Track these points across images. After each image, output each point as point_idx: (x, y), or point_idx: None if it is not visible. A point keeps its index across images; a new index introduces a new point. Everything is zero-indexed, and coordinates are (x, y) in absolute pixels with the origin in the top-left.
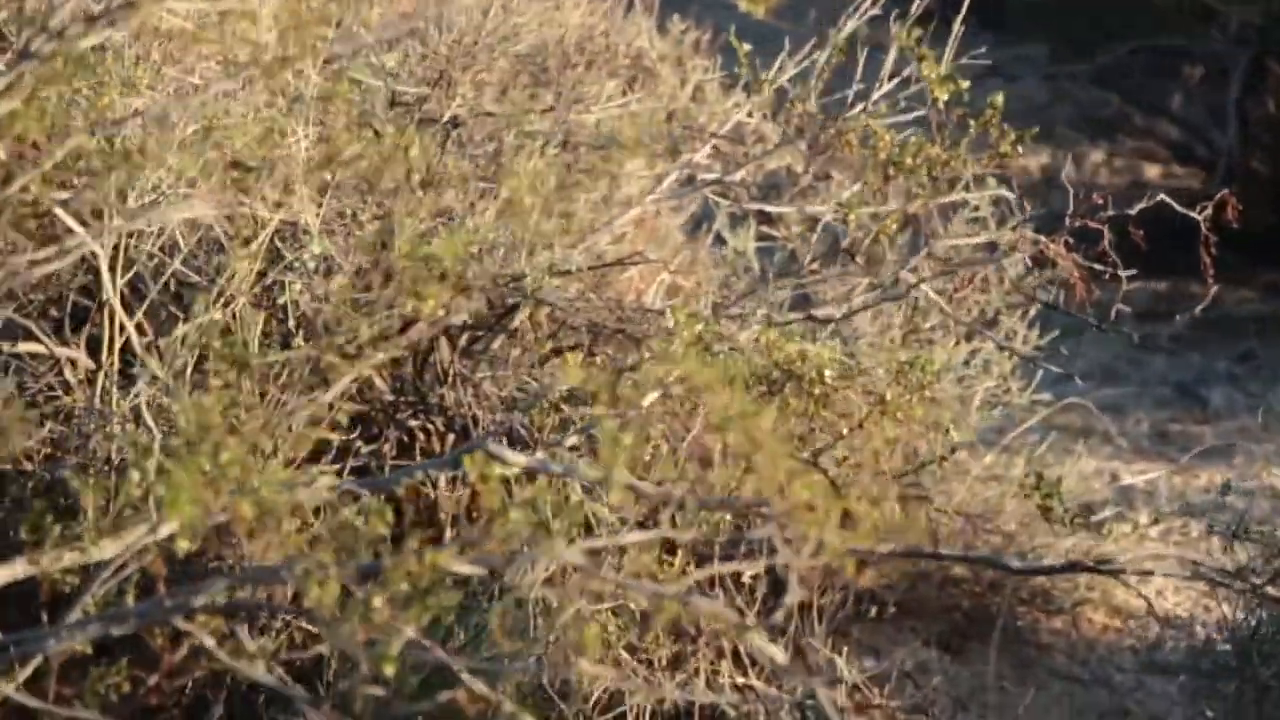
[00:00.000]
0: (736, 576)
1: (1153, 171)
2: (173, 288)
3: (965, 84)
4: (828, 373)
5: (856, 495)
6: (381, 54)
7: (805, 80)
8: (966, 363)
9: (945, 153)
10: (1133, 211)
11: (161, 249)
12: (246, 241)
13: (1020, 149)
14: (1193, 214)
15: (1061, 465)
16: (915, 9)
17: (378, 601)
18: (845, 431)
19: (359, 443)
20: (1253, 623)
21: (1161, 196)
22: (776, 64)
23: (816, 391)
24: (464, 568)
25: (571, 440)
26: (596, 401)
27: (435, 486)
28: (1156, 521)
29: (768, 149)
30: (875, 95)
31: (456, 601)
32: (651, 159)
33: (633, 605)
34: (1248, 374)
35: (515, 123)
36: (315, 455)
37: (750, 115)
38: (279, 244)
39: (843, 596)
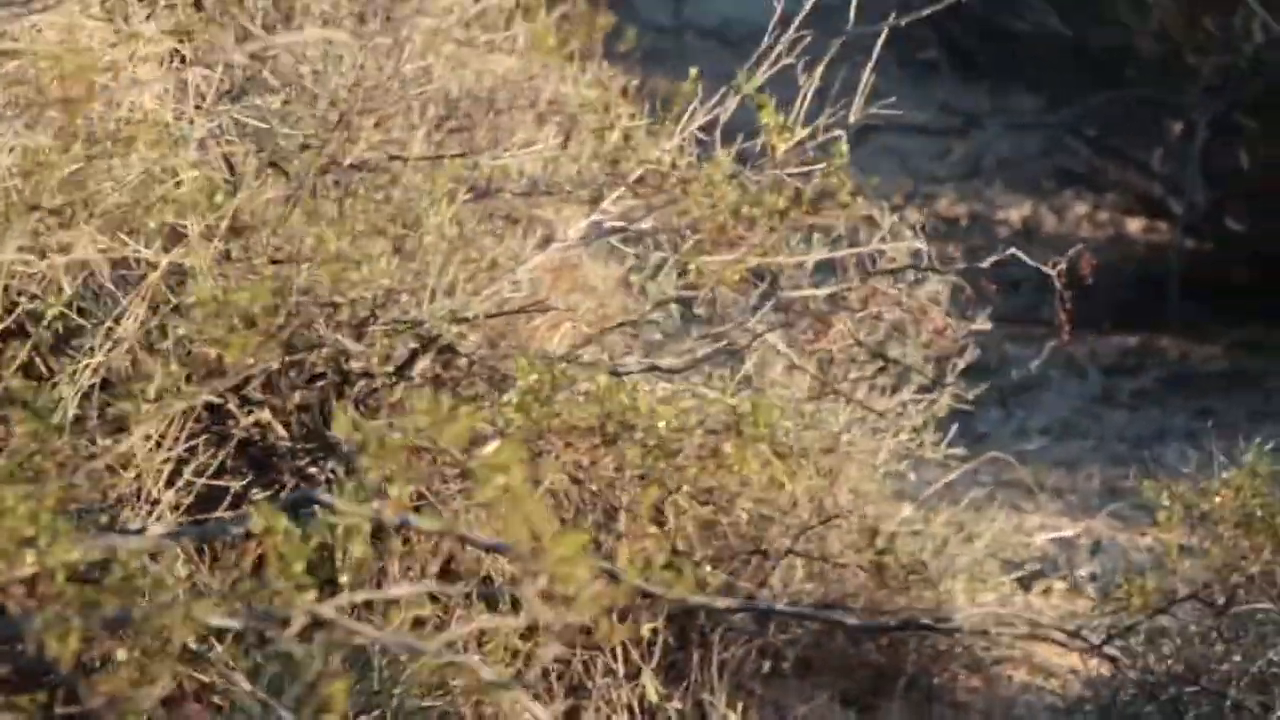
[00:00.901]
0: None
1: (1135, 225)
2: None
3: (804, 132)
4: (662, 424)
5: (630, 553)
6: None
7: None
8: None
9: (786, 202)
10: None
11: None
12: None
13: (860, 199)
14: (1046, 269)
15: (985, 520)
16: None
17: (122, 654)
18: (688, 482)
19: (256, 489)
20: (1115, 683)
21: (1013, 250)
22: (688, 110)
23: (651, 442)
24: (219, 620)
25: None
26: (365, 453)
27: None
28: (1024, 580)
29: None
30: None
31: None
32: (580, 205)
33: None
34: (1206, 431)
35: (421, 168)
36: (208, 503)
37: (666, 162)
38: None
39: (746, 650)
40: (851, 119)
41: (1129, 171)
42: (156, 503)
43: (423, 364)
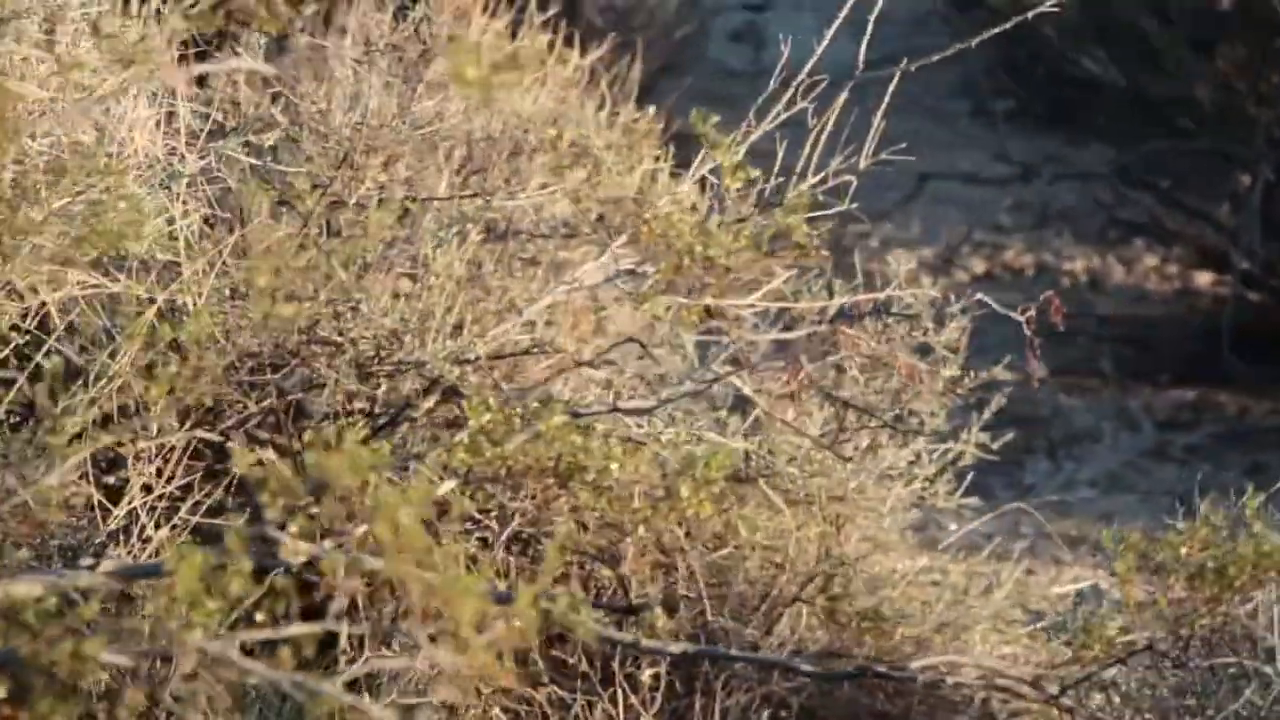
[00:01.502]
0: (631, 677)
1: (1203, 278)
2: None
3: (756, 173)
4: (614, 466)
5: (531, 595)
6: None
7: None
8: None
9: (736, 243)
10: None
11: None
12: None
13: (816, 242)
14: (1014, 314)
15: (1006, 570)
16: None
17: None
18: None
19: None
20: None
21: (979, 296)
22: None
23: (603, 484)
24: (110, 657)
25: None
26: (264, 492)
27: None
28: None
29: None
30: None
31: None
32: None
33: None
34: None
35: (429, 208)
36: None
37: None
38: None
39: (749, 698)
40: (861, 165)
41: (1192, 223)
42: (148, 540)
43: (427, 404)
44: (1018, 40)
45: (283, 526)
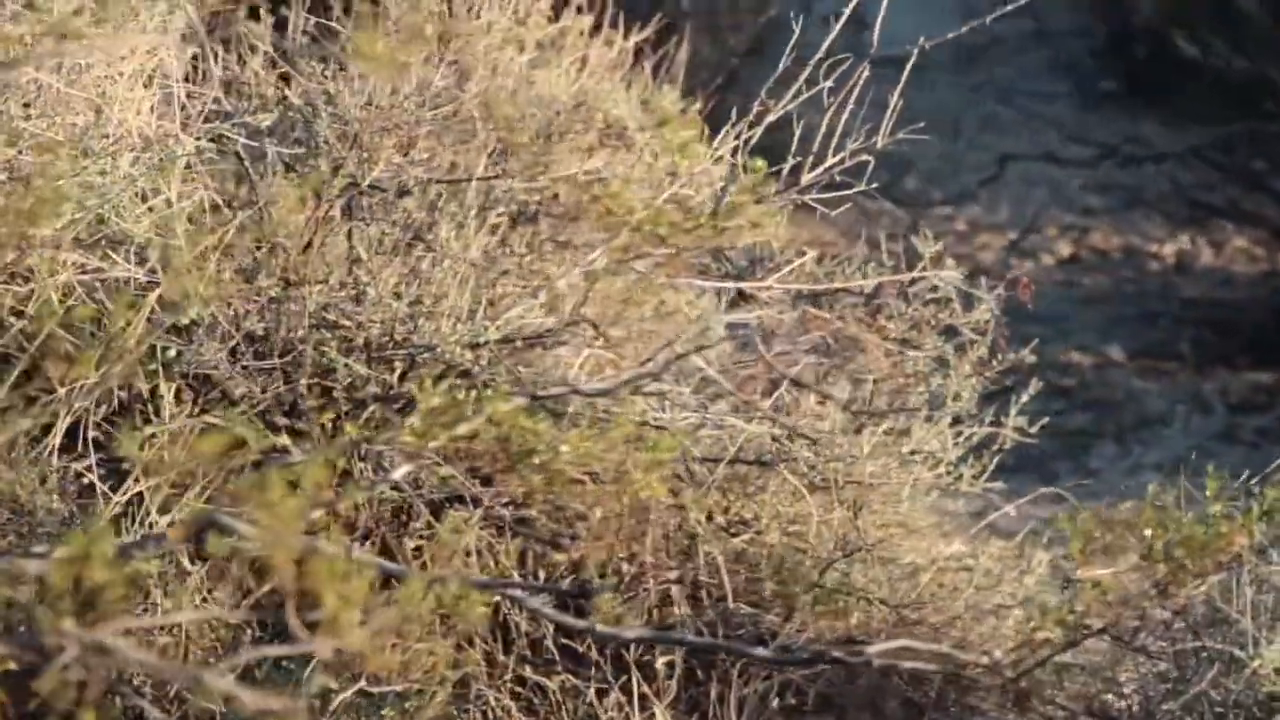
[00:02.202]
0: (647, 665)
1: None
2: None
3: (705, 151)
4: (564, 449)
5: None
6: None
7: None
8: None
9: (691, 221)
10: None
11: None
12: (130, 305)
13: (778, 222)
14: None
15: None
16: None
17: None
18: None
19: None
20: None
21: (940, 275)
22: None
23: (553, 469)
24: None
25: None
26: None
27: None
28: None
29: None
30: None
31: None
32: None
33: None
34: None
35: (449, 190)
36: None
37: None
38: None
39: (766, 685)
40: (880, 143)
41: (1271, 204)
42: (152, 526)
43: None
44: (1123, 20)
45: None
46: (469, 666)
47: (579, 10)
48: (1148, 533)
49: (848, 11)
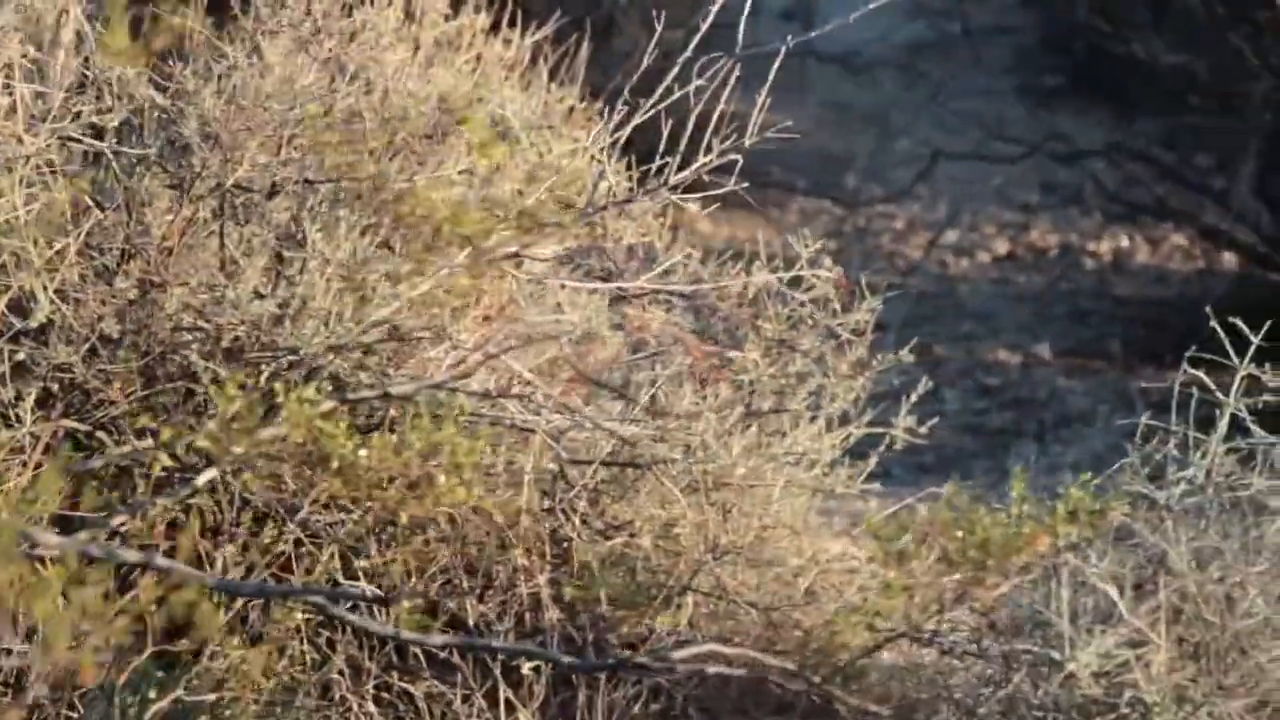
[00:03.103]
0: (512, 670)
1: (1232, 259)
2: None
3: (503, 151)
4: (363, 452)
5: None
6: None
7: None
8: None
9: (489, 221)
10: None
11: None
12: None
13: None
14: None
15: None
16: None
17: None
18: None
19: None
20: None
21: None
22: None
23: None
24: None
25: (120, 520)
26: None
27: None
28: None
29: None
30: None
31: None
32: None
33: None
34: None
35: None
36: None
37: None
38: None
39: (636, 690)
40: (746, 143)
41: (1194, 199)
42: None
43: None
44: (1064, 17)
45: None
46: (331, 672)
47: (476, 9)
48: (958, 535)
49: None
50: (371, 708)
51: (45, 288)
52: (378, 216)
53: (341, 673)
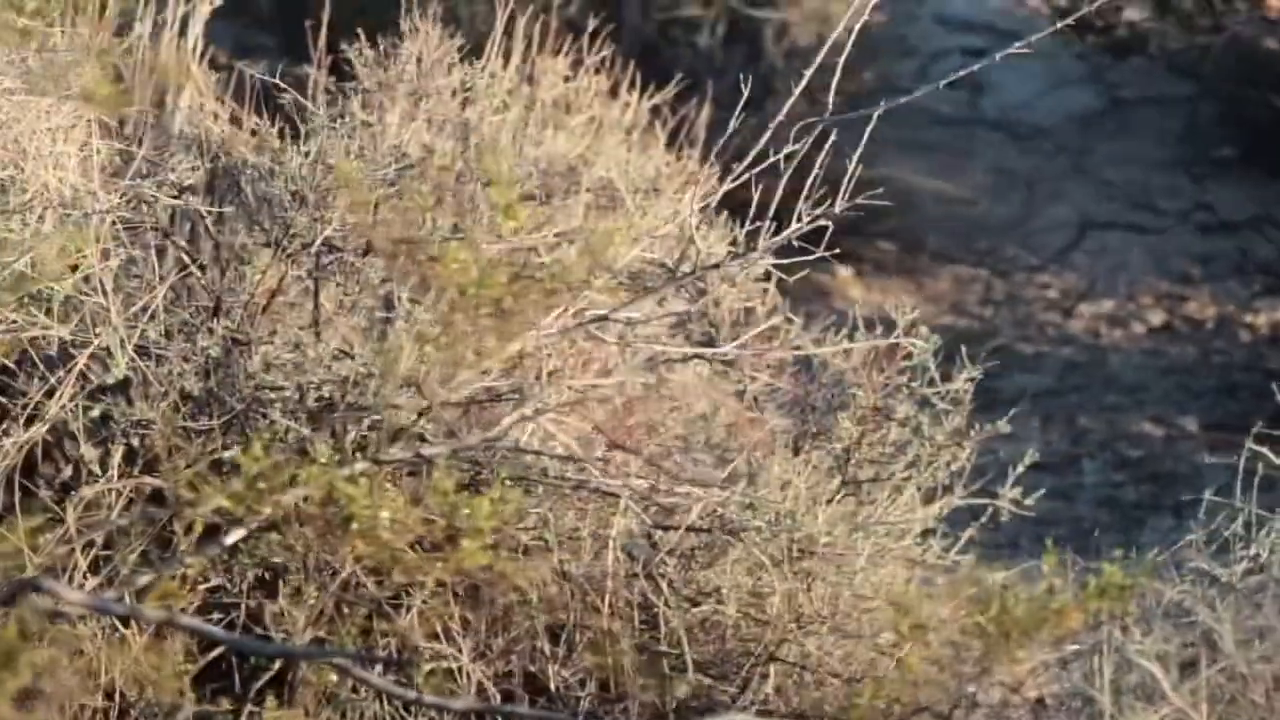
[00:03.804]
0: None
1: None
2: None
3: (526, 214)
4: (385, 515)
5: None
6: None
7: None
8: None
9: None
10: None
11: None
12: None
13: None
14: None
15: None
16: None
17: None
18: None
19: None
20: None
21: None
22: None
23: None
24: None
25: (146, 578)
26: None
27: None
28: None
29: None
30: None
31: None
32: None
33: None
34: None
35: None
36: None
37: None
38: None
39: None
40: (838, 208)
41: None
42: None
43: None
44: (1241, 88)
45: None
46: None
47: (595, 71)
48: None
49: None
50: None
51: (124, 343)
52: (404, 276)
53: None
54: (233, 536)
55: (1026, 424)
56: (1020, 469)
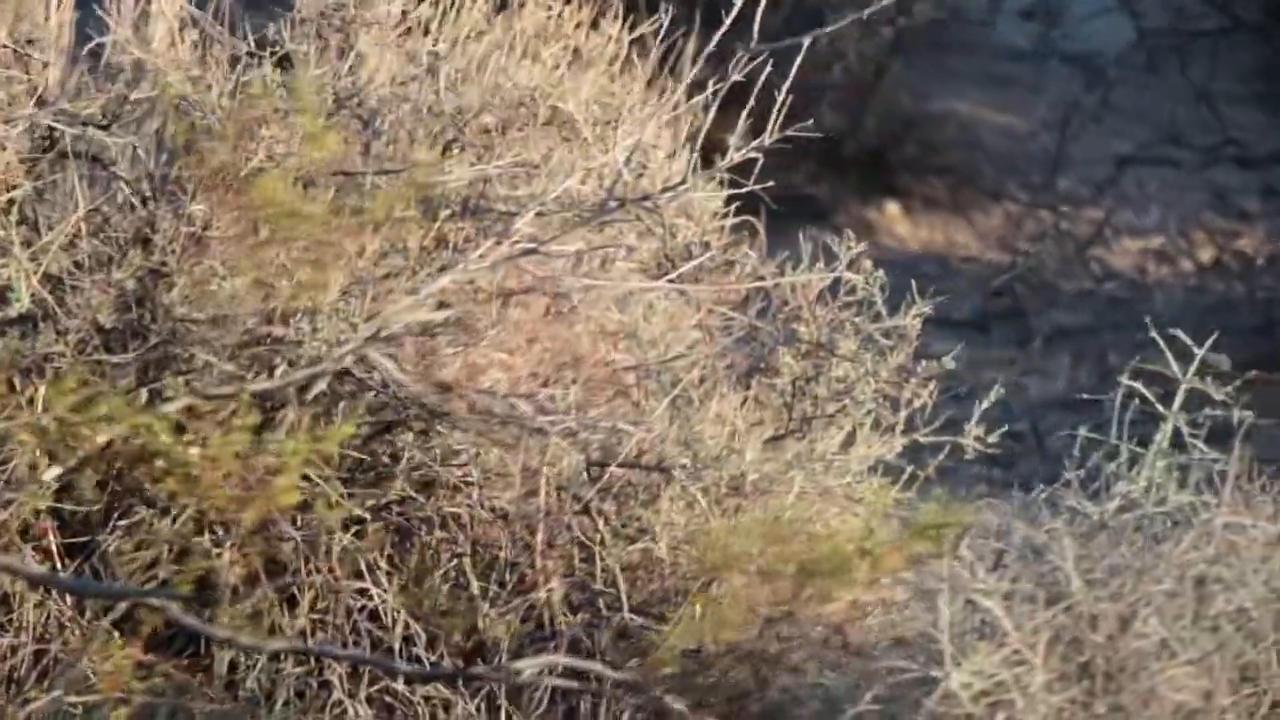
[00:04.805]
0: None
1: None
2: None
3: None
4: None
5: None
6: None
7: None
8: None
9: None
10: None
11: None
12: None
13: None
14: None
15: None
16: None
17: None
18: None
19: None
20: None
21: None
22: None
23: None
24: None
25: None
26: None
27: None
28: None
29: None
30: None
31: None
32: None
33: None
34: None
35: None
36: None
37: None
38: None
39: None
40: (766, 142)
41: None
42: None
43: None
44: None
45: None
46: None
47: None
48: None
49: None
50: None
51: (27, 275)
52: (216, 205)
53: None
54: (50, 473)
55: (1058, 360)
56: (983, 406)
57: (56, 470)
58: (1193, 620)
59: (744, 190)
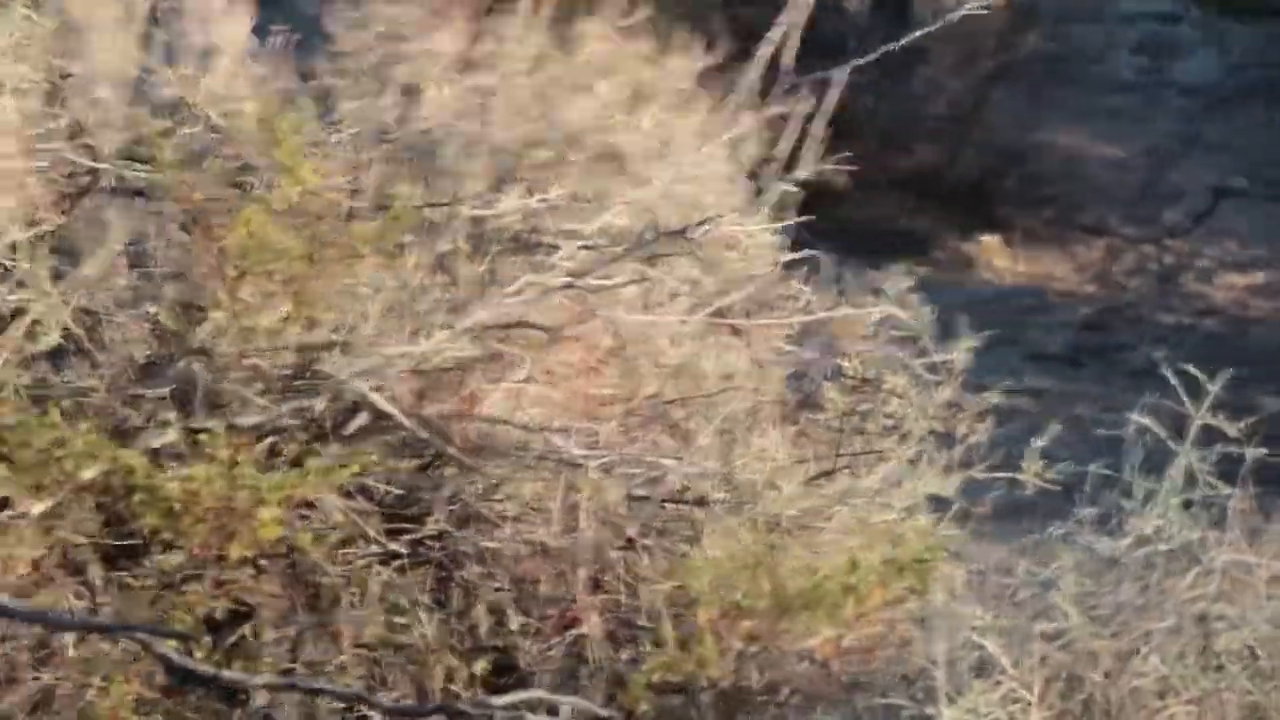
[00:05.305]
0: None
1: None
2: None
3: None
4: (174, 486)
5: None
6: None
7: None
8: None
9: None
10: None
11: None
12: None
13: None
14: None
15: None
16: None
17: None
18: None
19: None
20: None
21: None
22: None
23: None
24: None
25: None
26: None
27: None
28: None
29: None
30: None
31: None
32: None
33: None
34: None
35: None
36: None
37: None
38: None
39: None
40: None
41: None
42: None
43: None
44: None
45: None
46: None
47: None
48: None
49: None
50: None
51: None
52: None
53: None
54: (37, 509)
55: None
56: (1038, 444)
57: (42, 506)
58: (1196, 658)
59: (809, 222)
